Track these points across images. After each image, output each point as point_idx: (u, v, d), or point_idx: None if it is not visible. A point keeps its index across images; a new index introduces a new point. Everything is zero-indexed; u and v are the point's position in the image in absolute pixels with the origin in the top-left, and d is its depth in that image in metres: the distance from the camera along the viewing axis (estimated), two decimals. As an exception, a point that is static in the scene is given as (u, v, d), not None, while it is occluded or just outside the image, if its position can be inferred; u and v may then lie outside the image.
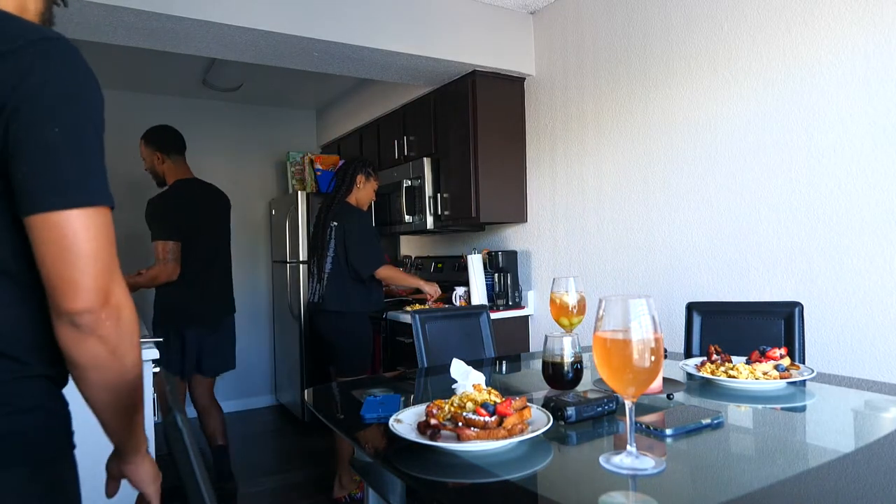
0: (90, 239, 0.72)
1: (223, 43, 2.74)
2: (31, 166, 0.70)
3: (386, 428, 1.19)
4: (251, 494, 3.06)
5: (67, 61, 0.73)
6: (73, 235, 0.71)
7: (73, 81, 0.74)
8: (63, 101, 0.72)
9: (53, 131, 0.71)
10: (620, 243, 2.80)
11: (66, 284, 0.72)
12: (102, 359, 0.76)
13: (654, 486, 0.95)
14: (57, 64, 0.72)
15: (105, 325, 0.75)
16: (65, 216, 0.71)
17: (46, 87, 0.71)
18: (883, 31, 1.88)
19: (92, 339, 0.75)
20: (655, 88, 2.61)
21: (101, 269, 0.74)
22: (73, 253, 0.72)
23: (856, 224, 1.96)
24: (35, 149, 0.70)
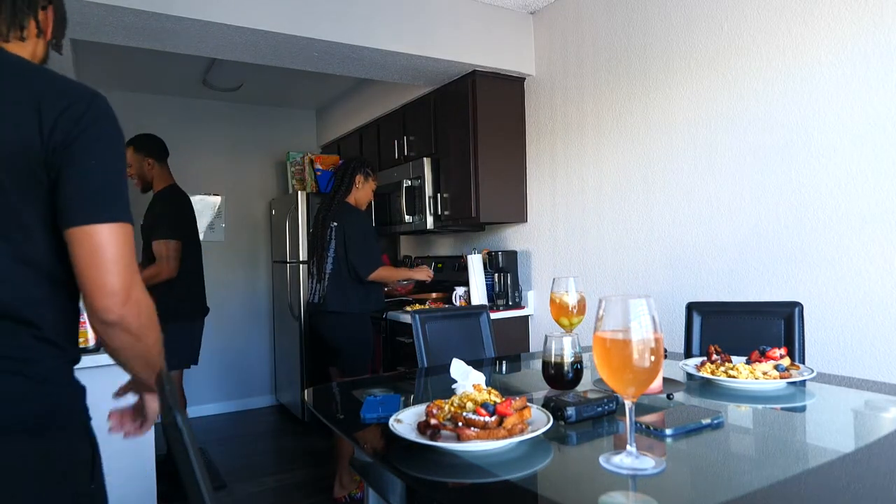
0: (114, 247, 0.91)
1: (223, 43, 2.74)
2: (74, 189, 0.90)
3: (386, 428, 1.19)
4: (251, 494, 3.06)
5: (107, 114, 0.95)
6: (102, 244, 0.90)
7: (110, 128, 0.95)
8: (101, 142, 0.93)
9: (91, 163, 0.91)
10: (620, 243, 2.80)
11: (96, 286, 0.90)
12: (129, 343, 0.96)
13: (654, 486, 0.95)
14: (100, 115, 0.94)
15: (127, 319, 0.93)
16: (97, 229, 0.90)
17: (90, 131, 0.92)
18: (883, 31, 1.88)
19: (117, 329, 0.93)
20: (655, 88, 2.61)
21: (122, 272, 0.92)
22: (100, 258, 0.90)
23: (856, 224, 1.96)
24: (78, 176, 0.90)
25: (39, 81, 0.92)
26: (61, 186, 0.90)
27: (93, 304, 0.91)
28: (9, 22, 0.98)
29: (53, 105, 0.89)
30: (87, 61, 3.71)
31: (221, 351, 4.78)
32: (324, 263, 2.90)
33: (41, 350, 0.92)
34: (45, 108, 0.89)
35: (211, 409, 4.72)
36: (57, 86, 0.92)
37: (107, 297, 0.90)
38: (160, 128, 4.50)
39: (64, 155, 0.90)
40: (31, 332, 0.91)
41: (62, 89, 0.92)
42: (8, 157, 0.87)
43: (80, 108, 0.91)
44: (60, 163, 0.90)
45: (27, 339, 0.90)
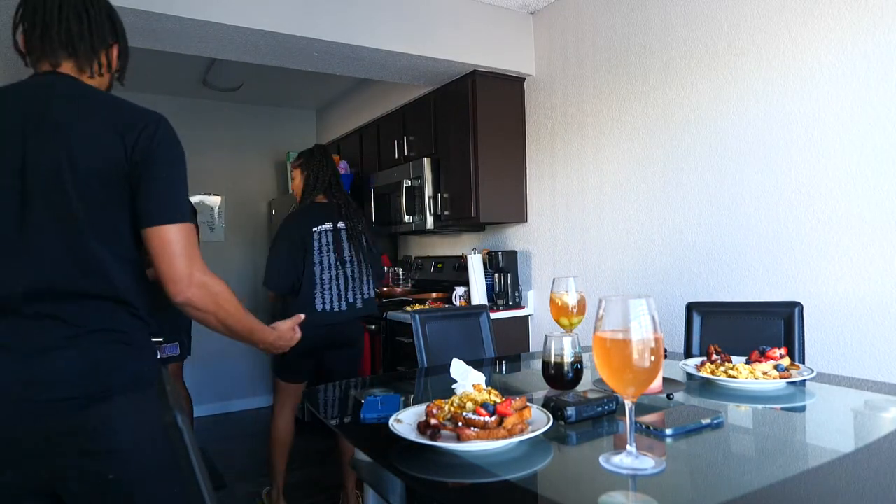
0: (178, 243, 1.14)
1: (223, 43, 2.74)
2: (149, 198, 1.13)
3: (386, 428, 1.19)
4: (251, 494, 3.06)
5: (172, 134, 1.18)
6: (169, 240, 1.13)
7: (175, 146, 1.18)
8: (170, 158, 1.16)
9: (163, 176, 1.14)
10: (620, 243, 2.80)
11: (166, 274, 1.14)
12: (208, 317, 1.21)
13: (654, 486, 0.95)
14: (168, 135, 1.17)
15: (193, 299, 1.16)
16: (167, 229, 1.13)
17: (161, 149, 1.14)
18: (883, 31, 1.88)
19: (189, 307, 1.17)
20: (655, 88, 2.61)
21: (185, 262, 1.15)
22: (168, 251, 1.13)
23: (856, 224, 1.96)
24: (152, 187, 1.13)
25: (119, 110, 1.14)
26: (140, 196, 1.13)
27: (166, 288, 1.14)
28: (88, 59, 1.19)
29: (132, 130, 1.12)
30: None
31: (222, 351, 4.77)
32: (366, 266, 2.76)
33: (135, 324, 1.15)
34: (127, 134, 1.11)
35: (211, 409, 4.72)
36: (133, 113, 1.15)
37: (175, 282, 1.14)
38: (160, 128, 4.51)
39: (142, 170, 1.12)
40: (128, 310, 1.14)
41: (137, 115, 1.15)
42: (105, 176, 1.10)
43: (152, 130, 1.14)
44: (139, 176, 1.12)
45: (127, 317, 1.14)
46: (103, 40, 1.21)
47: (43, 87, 1.14)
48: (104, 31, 1.21)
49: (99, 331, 1.10)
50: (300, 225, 2.65)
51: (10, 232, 1.08)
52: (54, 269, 1.08)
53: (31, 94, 1.13)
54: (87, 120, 1.11)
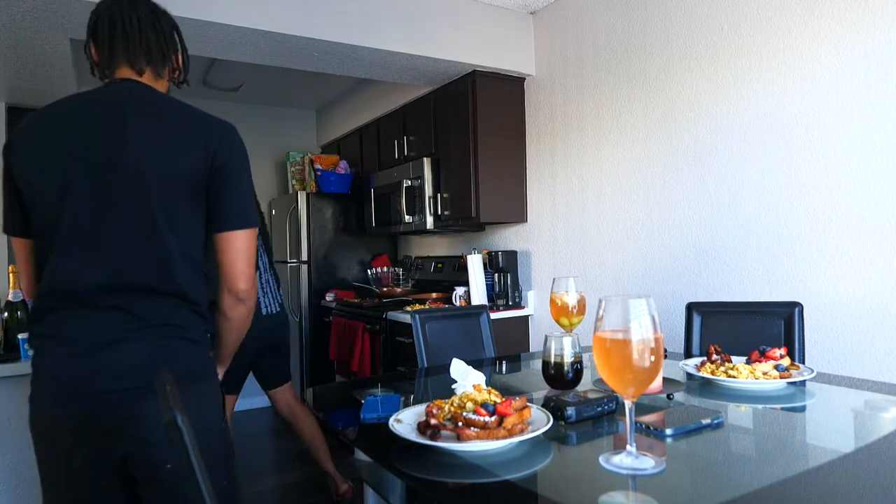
0: (249, 246, 1.25)
1: (223, 43, 2.74)
2: (226, 203, 1.22)
3: (386, 428, 1.19)
4: (251, 494, 3.06)
5: (242, 142, 1.28)
6: (241, 245, 1.24)
7: (245, 153, 1.28)
8: (243, 165, 1.27)
9: (238, 183, 1.24)
10: (620, 243, 2.80)
11: (237, 273, 1.25)
12: (244, 317, 1.33)
13: (654, 486, 0.95)
14: (240, 144, 1.27)
15: (252, 298, 1.29)
16: (239, 233, 1.24)
17: (235, 157, 1.24)
18: (883, 31, 1.88)
19: (244, 306, 1.29)
20: (655, 88, 2.61)
21: (252, 265, 1.27)
22: (241, 255, 1.25)
23: (856, 224, 1.96)
24: (229, 193, 1.23)
25: (198, 120, 1.23)
26: (217, 200, 1.22)
27: (233, 286, 1.25)
28: (161, 65, 1.29)
29: (212, 138, 1.21)
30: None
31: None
32: None
33: (196, 321, 1.22)
34: (208, 141, 1.20)
35: (211, 409, 4.71)
36: (210, 123, 1.24)
37: (244, 281, 1.25)
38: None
39: (220, 175, 1.21)
40: (191, 307, 1.21)
41: (214, 124, 1.25)
42: (184, 178, 1.17)
43: (229, 138, 1.24)
44: (218, 181, 1.21)
45: (188, 313, 1.20)
46: (173, 49, 1.33)
47: (119, 93, 1.21)
48: (173, 40, 1.33)
49: (163, 325, 1.17)
50: None
51: (90, 228, 1.15)
52: (128, 264, 1.15)
53: (112, 99, 1.20)
54: (168, 126, 1.20)
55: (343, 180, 4.44)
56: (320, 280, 4.29)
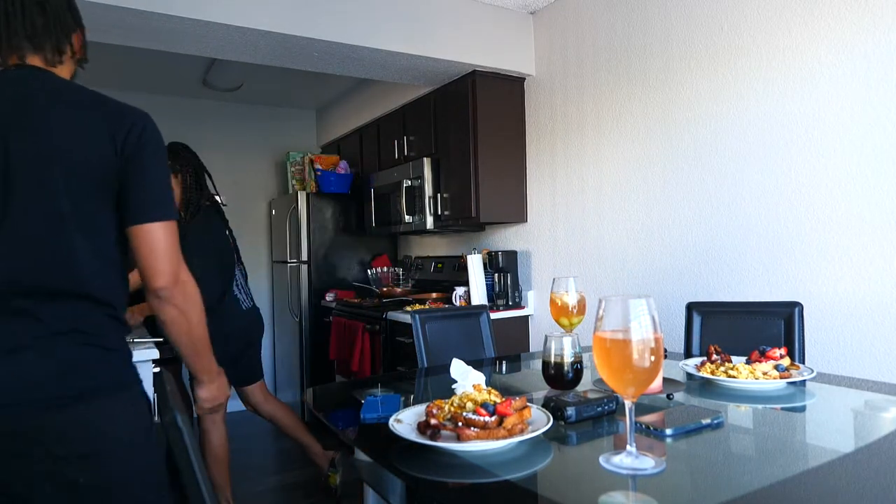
0: (167, 240, 1.14)
1: (223, 43, 2.74)
2: (137, 195, 1.13)
3: (386, 428, 1.19)
4: (251, 494, 3.06)
5: (157, 131, 1.17)
6: (157, 239, 1.13)
7: (160, 143, 1.17)
8: (156, 155, 1.16)
9: (150, 173, 1.14)
10: (620, 243, 2.80)
11: (155, 270, 1.13)
12: (176, 318, 1.18)
13: (654, 486, 0.95)
14: (154, 133, 1.16)
15: (176, 297, 1.16)
16: (155, 226, 1.13)
17: (149, 146, 1.14)
18: (883, 31, 1.88)
19: (169, 305, 1.16)
20: (655, 88, 2.61)
21: (172, 260, 1.15)
22: (157, 248, 1.13)
23: (856, 224, 1.96)
24: (141, 184, 1.13)
25: (105, 107, 1.13)
26: (127, 192, 1.12)
27: (152, 284, 1.14)
28: (56, 49, 1.16)
29: (121, 126, 1.11)
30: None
31: (221, 351, 4.78)
32: None
33: (112, 326, 1.13)
34: (116, 130, 1.10)
35: (211, 409, 4.71)
36: (119, 109, 1.14)
37: (162, 278, 1.13)
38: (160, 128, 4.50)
39: (130, 166, 1.11)
40: (106, 310, 1.11)
41: (124, 112, 1.14)
42: (89, 171, 1.08)
43: (140, 126, 1.13)
44: (128, 173, 1.11)
45: (101, 318, 1.11)
46: (67, 30, 1.18)
47: (17, 80, 1.12)
48: (66, 20, 1.18)
49: (72, 331, 1.07)
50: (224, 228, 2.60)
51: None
52: (31, 265, 1.06)
53: (7, 88, 1.11)
54: (72, 114, 1.10)
55: (343, 180, 4.44)
56: (320, 280, 4.29)
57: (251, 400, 2.83)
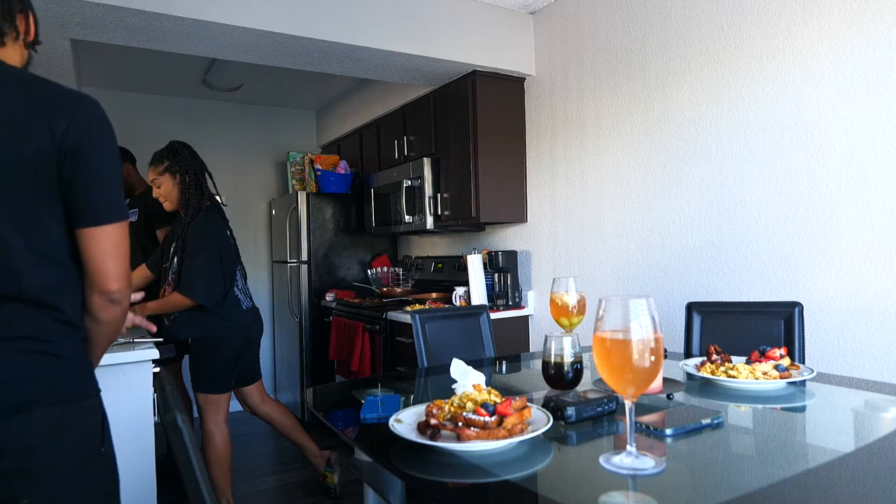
0: (119, 242, 1.08)
1: (223, 43, 2.74)
2: (87, 194, 1.04)
3: (386, 428, 1.19)
4: (251, 494, 3.06)
5: (106, 120, 1.08)
6: (109, 242, 1.07)
7: (110, 135, 1.08)
8: (105, 148, 1.07)
9: (99, 169, 1.05)
10: (620, 243, 2.80)
11: (108, 274, 1.08)
12: (119, 317, 1.14)
13: (654, 486, 0.95)
14: (103, 123, 1.06)
15: (126, 298, 1.12)
16: (105, 229, 1.06)
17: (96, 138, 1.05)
18: (883, 31, 1.88)
19: (118, 307, 1.12)
20: (655, 88, 2.61)
21: (124, 262, 1.10)
22: (110, 253, 1.07)
23: (856, 224, 1.96)
24: (89, 182, 1.04)
25: (45, 92, 1.03)
26: (75, 190, 1.03)
27: (104, 287, 1.08)
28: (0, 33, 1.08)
29: (62, 114, 1.01)
30: (87, 61, 3.71)
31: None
32: None
33: (60, 330, 1.05)
34: (55, 118, 1.00)
35: (211, 409, 4.71)
36: (62, 96, 1.04)
37: (116, 280, 1.08)
38: (160, 128, 4.52)
39: (75, 159, 1.02)
40: (51, 314, 1.04)
41: (67, 99, 1.04)
42: (24, 162, 0.99)
43: (86, 116, 1.04)
44: (73, 166, 1.02)
45: (47, 321, 1.03)
46: (8, 11, 1.09)
47: None
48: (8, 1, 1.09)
49: (13, 338, 1.00)
50: (225, 229, 2.57)
51: None
52: None
53: None
54: (7, 101, 1.00)
55: (343, 180, 4.44)
56: (320, 280, 4.29)
57: (248, 401, 2.83)
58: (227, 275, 2.54)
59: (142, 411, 1.98)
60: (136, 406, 1.96)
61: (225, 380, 2.60)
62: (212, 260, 2.46)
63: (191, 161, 2.55)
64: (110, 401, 1.23)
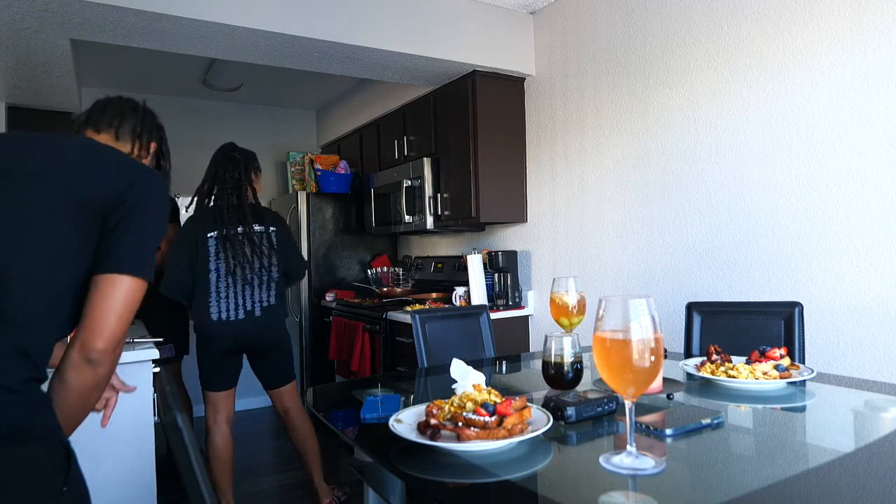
0: (127, 299, 1.01)
1: (223, 43, 2.74)
2: (117, 242, 1.02)
3: (386, 428, 1.19)
4: (251, 494, 3.06)
5: (163, 191, 1.11)
6: (119, 291, 1.00)
7: (162, 203, 1.10)
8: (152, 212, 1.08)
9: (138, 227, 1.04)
10: (620, 243, 2.80)
11: (101, 327, 0.98)
12: (88, 386, 1.00)
13: (654, 486, 0.95)
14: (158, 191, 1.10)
15: (105, 364, 1.00)
16: (125, 279, 1.01)
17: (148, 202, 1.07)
18: (883, 30, 1.88)
19: (92, 368, 0.99)
20: (655, 88, 2.61)
21: (125, 323, 1.01)
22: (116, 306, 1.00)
23: (856, 224, 1.96)
24: (124, 234, 1.03)
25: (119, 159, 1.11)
26: (113, 238, 1.03)
27: (89, 340, 0.98)
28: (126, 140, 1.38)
29: (133, 174, 1.07)
30: (87, 61, 3.71)
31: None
32: (269, 271, 2.62)
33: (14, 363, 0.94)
34: (124, 176, 1.06)
35: (211, 409, 4.71)
36: (131, 162, 1.12)
37: (106, 338, 0.99)
38: (160, 128, 4.51)
39: (126, 212, 1.04)
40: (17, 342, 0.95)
41: (134, 166, 1.11)
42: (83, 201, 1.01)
43: (148, 181, 1.09)
44: (121, 217, 1.03)
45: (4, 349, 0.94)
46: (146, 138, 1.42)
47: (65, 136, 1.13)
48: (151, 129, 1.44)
49: None
50: (195, 230, 2.54)
51: None
52: None
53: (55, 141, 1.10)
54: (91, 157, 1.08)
55: (343, 180, 4.44)
56: (320, 280, 4.29)
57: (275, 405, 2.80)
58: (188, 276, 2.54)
59: (142, 411, 1.98)
60: (136, 406, 1.96)
61: (215, 378, 2.61)
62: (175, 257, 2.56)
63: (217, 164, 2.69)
64: (111, 401, 1.23)
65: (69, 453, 1.00)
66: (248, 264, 2.54)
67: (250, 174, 2.69)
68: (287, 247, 2.68)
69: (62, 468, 0.97)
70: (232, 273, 2.53)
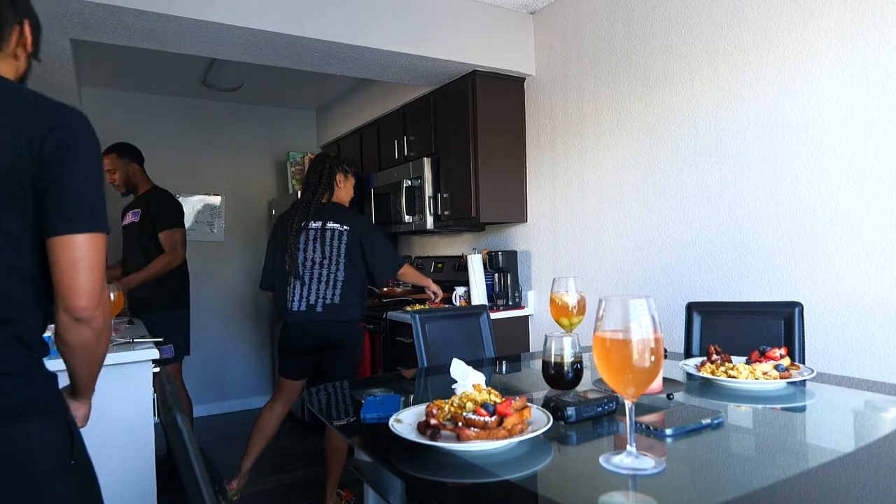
0: (92, 254, 1.01)
1: (223, 43, 2.74)
2: (59, 202, 0.99)
3: (386, 428, 1.19)
4: (251, 494, 3.06)
5: (91, 132, 1.03)
6: (81, 251, 0.99)
7: (93, 146, 1.04)
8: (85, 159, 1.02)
9: (77, 178, 1.00)
10: (620, 243, 2.80)
11: (75, 288, 0.99)
12: (91, 341, 1.05)
13: (654, 486, 0.95)
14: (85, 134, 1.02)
15: (96, 318, 1.03)
16: (77, 238, 0.99)
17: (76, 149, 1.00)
18: (883, 31, 1.88)
19: (86, 327, 1.03)
20: (655, 88, 2.61)
21: (97, 278, 1.02)
22: (79, 263, 0.99)
23: (856, 224, 1.96)
24: (63, 190, 0.99)
25: (26, 103, 1.00)
26: (48, 199, 0.98)
27: (70, 303, 1.00)
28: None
29: (42, 125, 0.98)
30: (87, 61, 3.71)
31: (221, 352, 4.78)
32: (336, 269, 2.69)
33: (13, 348, 0.99)
34: (34, 128, 0.97)
35: (211, 410, 4.72)
36: (43, 106, 1.01)
37: (84, 297, 1.00)
38: (160, 128, 4.52)
39: (52, 170, 0.98)
40: (10, 330, 0.98)
41: (48, 110, 1.00)
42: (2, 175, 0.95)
43: (65, 126, 1.00)
44: (48, 177, 0.98)
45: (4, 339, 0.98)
46: (6, 21, 1.07)
47: None
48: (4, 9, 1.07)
49: None
50: (280, 225, 2.79)
51: None
52: None
53: None
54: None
55: (343, 180, 4.44)
56: (320, 280, 4.28)
57: None
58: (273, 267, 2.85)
59: (142, 411, 1.98)
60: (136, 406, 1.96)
61: (285, 367, 2.86)
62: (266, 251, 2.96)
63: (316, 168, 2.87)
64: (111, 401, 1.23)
65: (72, 429, 1.05)
66: (308, 261, 2.69)
67: (333, 176, 2.81)
68: (366, 247, 2.74)
69: (66, 442, 1.03)
70: (290, 268, 2.72)
